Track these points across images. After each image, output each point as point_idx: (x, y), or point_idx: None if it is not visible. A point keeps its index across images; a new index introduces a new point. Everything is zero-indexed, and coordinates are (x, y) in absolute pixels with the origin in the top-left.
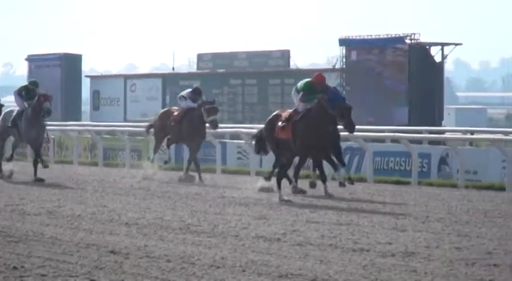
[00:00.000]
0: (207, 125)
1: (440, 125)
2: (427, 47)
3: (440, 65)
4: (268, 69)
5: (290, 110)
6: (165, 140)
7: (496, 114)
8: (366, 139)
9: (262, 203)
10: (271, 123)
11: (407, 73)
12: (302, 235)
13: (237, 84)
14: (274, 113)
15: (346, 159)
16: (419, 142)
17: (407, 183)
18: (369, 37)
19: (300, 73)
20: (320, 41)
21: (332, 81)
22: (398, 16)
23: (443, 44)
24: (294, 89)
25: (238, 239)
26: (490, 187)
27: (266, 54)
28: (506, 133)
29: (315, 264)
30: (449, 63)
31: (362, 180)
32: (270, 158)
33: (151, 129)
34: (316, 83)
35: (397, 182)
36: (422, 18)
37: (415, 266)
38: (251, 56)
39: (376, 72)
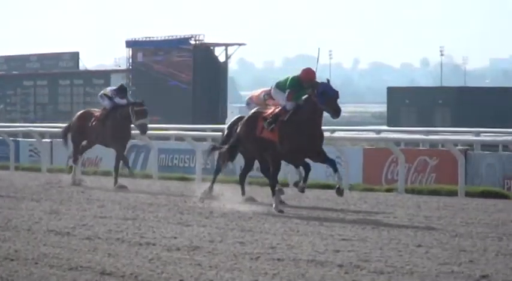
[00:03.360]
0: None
1: (223, 123)
2: (211, 47)
3: (224, 65)
4: (58, 71)
5: (273, 107)
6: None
7: None
8: (151, 137)
9: (53, 198)
10: (252, 123)
11: (191, 73)
12: (91, 229)
13: (30, 86)
14: (253, 112)
15: (131, 157)
16: (203, 139)
17: (192, 179)
18: (155, 39)
19: (89, 74)
20: (108, 43)
21: (119, 81)
22: (184, 18)
23: (227, 45)
24: (274, 86)
25: (30, 232)
26: None
27: (56, 57)
28: None
29: (103, 257)
30: (233, 63)
31: (147, 177)
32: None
33: (69, 134)
34: (304, 80)
35: (182, 179)
36: (207, 20)
37: (200, 260)
38: (42, 58)
39: (162, 72)
